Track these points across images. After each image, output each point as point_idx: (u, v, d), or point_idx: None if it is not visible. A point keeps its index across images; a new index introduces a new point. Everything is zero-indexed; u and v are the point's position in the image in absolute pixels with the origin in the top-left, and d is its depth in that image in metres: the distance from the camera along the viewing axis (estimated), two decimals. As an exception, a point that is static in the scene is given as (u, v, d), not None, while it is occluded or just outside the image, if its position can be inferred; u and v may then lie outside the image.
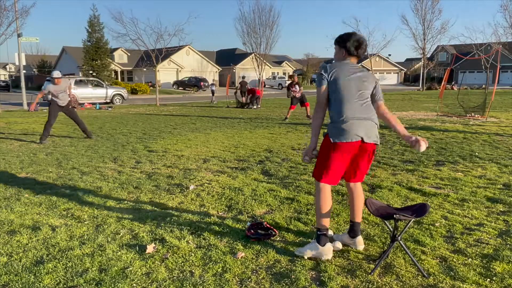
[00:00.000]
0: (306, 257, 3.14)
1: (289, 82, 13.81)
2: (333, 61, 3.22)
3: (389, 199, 4.62)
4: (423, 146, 2.88)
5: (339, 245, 3.31)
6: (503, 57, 53.75)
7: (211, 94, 26.04)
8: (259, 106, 20.16)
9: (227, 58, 57.26)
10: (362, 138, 3.00)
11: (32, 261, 3.15)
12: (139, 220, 4.01)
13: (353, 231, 3.30)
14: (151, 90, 38.39)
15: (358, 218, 3.28)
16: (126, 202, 4.63)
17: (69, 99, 9.14)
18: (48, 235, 3.66)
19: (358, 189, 3.26)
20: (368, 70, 3.23)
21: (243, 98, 21.22)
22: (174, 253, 3.26)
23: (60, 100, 8.96)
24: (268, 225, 3.67)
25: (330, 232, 3.48)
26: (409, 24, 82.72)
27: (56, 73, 8.88)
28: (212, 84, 26.50)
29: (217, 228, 3.79)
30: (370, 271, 2.93)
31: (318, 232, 3.12)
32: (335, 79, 3.05)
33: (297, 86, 13.22)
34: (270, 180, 5.51)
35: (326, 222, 3.11)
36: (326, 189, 3.11)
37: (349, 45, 3.09)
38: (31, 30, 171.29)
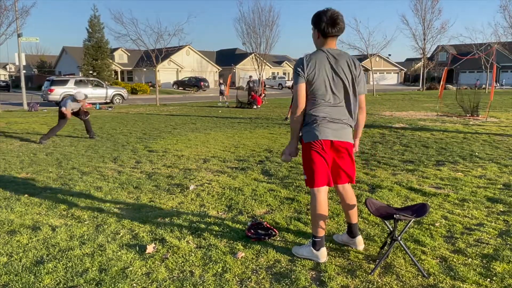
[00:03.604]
0: (301, 257, 3.15)
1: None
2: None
3: (389, 199, 4.62)
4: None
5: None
6: (503, 57, 53.75)
7: (219, 94, 24.48)
8: (259, 106, 20.17)
9: (227, 58, 57.25)
10: (330, 138, 2.93)
11: (32, 261, 3.15)
12: (139, 220, 4.01)
13: (351, 232, 3.29)
14: (151, 90, 38.39)
15: (354, 219, 3.25)
16: (126, 202, 4.63)
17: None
18: (48, 235, 3.66)
19: (348, 191, 3.18)
20: (358, 59, 3.12)
21: (249, 97, 21.18)
22: (174, 253, 3.26)
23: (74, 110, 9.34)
24: (268, 225, 3.67)
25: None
26: (409, 24, 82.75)
27: (80, 95, 9.16)
28: (221, 84, 24.51)
29: (217, 228, 3.79)
30: (370, 271, 2.93)
31: (314, 238, 3.09)
32: (310, 77, 2.88)
33: None
34: (270, 180, 5.51)
35: (323, 228, 3.06)
36: (322, 195, 3.02)
37: (322, 24, 2.85)
38: (31, 30, 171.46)
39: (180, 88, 45.18)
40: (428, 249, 3.29)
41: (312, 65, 2.88)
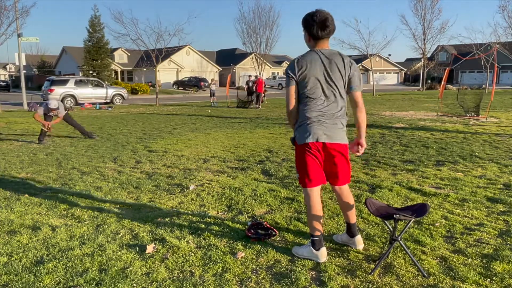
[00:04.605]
0: (301, 258, 3.15)
1: None
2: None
3: (389, 199, 4.62)
4: (359, 151, 3.09)
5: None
6: (503, 57, 53.74)
7: (209, 95, 23.79)
8: (259, 106, 20.20)
9: (227, 58, 57.24)
10: (321, 140, 2.94)
11: (32, 261, 3.15)
12: (139, 220, 4.01)
13: (350, 232, 3.29)
14: (151, 90, 38.39)
15: (352, 219, 3.26)
16: (126, 202, 4.63)
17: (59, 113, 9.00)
18: (48, 235, 3.66)
19: (345, 191, 3.17)
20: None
21: (249, 97, 21.21)
22: (174, 253, 3.26)
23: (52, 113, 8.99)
24: (268, 225, 3.67)
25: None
26: (409, 24, 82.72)
27: (53, 104, 8.79)
28: (213, 84, 23.88)
29: (217, 228, 3.79)
30: (370, 271, 2.93)
31: (312, 238, 3.09)
32: (302, 79, 2.91)
33: None
34: (270, 180, 5.51)
35: (319, 226, 3.08)
36: (314, 193, 3.04)
37: (312, 28, 2.86)
38: (31, 30, 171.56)
39: (180, 88, 45.17)
40: (428, 249, 3.29)
41: (304, 66, 2.91)
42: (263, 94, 21.44)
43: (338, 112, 2.99)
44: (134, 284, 2.80)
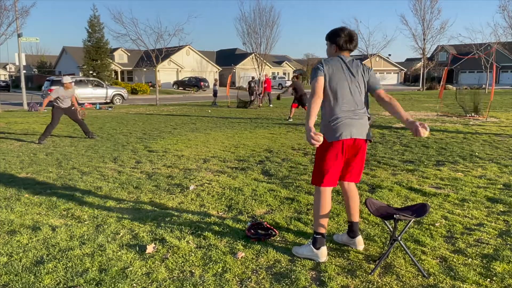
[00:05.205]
0: (301, 257, 3.16)
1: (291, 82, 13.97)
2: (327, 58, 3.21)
3: (389, 199, 4.62)
4: (424, 133, 2.71)
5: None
6: (503, 57, 53.72)
7: (212, 95, 23.96)
8: (260, 105, 20.23)
9: (227, 58, 57.25)
10: (354, 136, 3.01)
11: (32, 261, 3.15)
12: (139, 220, 4.01)
13: (352, 231, 3.30)
14: (151, 90, 38.39)
15: (356, 218, 3.28)
16: (126, 202, 4.63)
17: (72, 103, 9.34)
18: (48, 235, 3.66)
19: (352, 189, 3.24)
20: (361, 61, 3.18)
21: (250, 97, 21.31)
22: (174, 253, 3.26)
23: (63, 104, 9.16)
24: (268, 225, 3.67)
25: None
26: (409, 24, 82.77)
27: (66, 78, 9.10)
28: (214, 84, 23.88)
29: (217, 228, 3.79)
30: (370, 271, 2.93)
31: (315, 235, 3.12)
32: (329, 77, 3.06)
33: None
34: (270, 180, 5.51)
35: (324, 226, 3.11)
36: (327, 193, 3.09)
37: (340, 40, 3.10)
38: (31, 30, 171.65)
39: (180, 88, 45.17)
40: (428, 249, 3.29)
41: (331, 66, 3.09)
42: (262, 94, 21.51)
43: (362, 109, 3.10)
44: (134, 284, 2.80)
